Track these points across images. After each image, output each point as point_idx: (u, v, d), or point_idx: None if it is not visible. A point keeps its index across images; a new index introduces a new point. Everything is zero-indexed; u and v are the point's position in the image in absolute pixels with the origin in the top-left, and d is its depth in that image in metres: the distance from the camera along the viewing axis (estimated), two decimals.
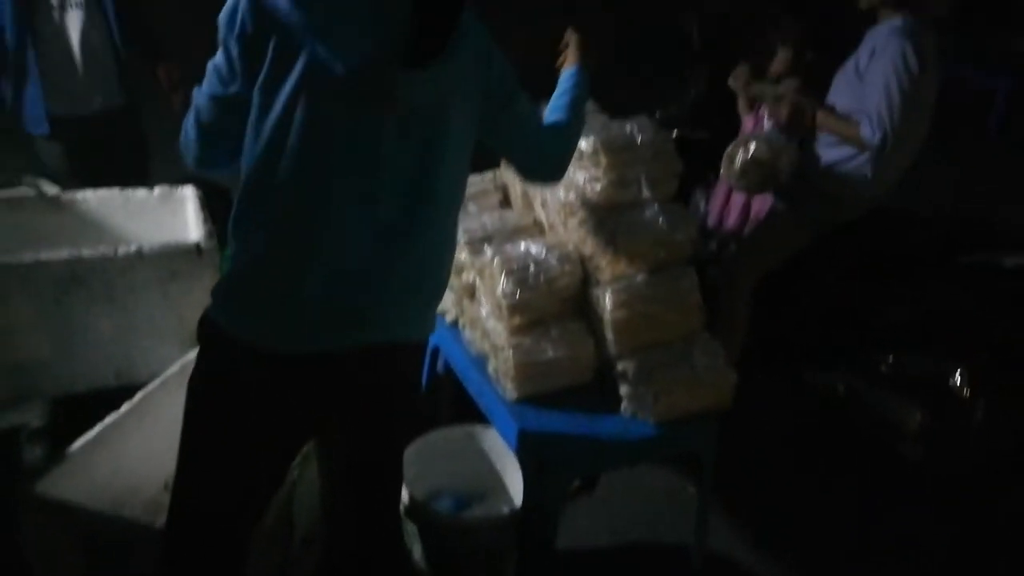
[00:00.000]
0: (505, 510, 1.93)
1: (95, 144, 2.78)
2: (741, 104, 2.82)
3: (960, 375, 2.37)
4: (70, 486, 1.69)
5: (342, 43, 1.21)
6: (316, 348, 1.31)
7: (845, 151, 2.38)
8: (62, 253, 2.09)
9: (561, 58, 1.73)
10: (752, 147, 2.41)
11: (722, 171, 2.49)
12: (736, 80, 2.78)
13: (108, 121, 2.78)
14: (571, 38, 1.74)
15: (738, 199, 2.81)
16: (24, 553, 1.75)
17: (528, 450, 1.74)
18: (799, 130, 2.47)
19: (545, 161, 1.58)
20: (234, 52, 1.24)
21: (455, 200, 1.42)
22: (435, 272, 1.42)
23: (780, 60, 2.68)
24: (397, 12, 1.24)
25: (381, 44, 1.23)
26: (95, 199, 2.52)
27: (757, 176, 2.41)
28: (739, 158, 2.43)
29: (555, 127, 1.58)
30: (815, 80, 2.57)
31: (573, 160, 1.87)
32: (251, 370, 1.31)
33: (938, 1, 2.36)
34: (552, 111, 1.61)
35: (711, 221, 2.87)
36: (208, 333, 1.34)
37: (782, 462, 2.62)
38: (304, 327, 1.29)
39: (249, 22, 1.21)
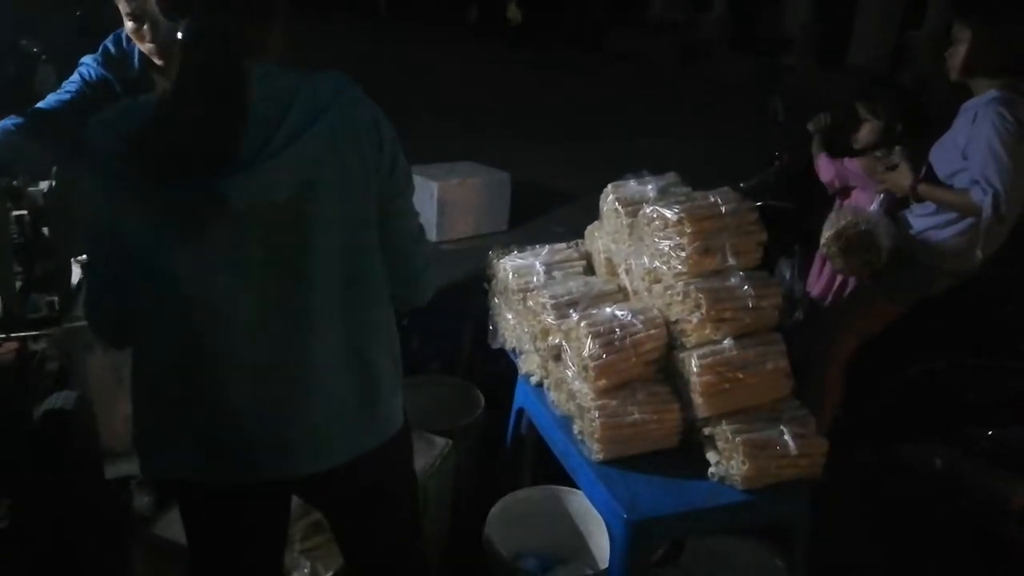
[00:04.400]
0: (590, 573, 1.93)
1: None
2: (815, 146, 2.86)
3: None
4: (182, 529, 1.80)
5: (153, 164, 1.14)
6: (264, 478, 1.33)
7: (939, 219, 2.37)
8: None
9: None
10: (861, 227, 2.40)
11: (823, 249, 2.49)
12: (815, 124, 2.87)
13: None
14: None
15: (825, 266, 2.80)
16: None
17: (615, 512, 1.76)
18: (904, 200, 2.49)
19: (414, 287, 1.47)
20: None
21: (357, 295, 1.31)
22: (363, 379, 1.34)
23: (870, 130, 2.71)
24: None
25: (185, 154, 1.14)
26: None
27: (859, 258, 2.40)
28: (846, 236, 2.42)
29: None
30: (916, 159, 2.59)
31: (657, 229, 1.95)
32: (227, 503, 1.36)
33: None
34: None
35: (807, 288, 2.87)
36: (175, 487, 1.39)
37: (876, 539, 2.52)
38: (236, 460, 1.30)
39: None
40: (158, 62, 2.17)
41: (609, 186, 2.20)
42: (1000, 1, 2.37)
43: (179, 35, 1.16)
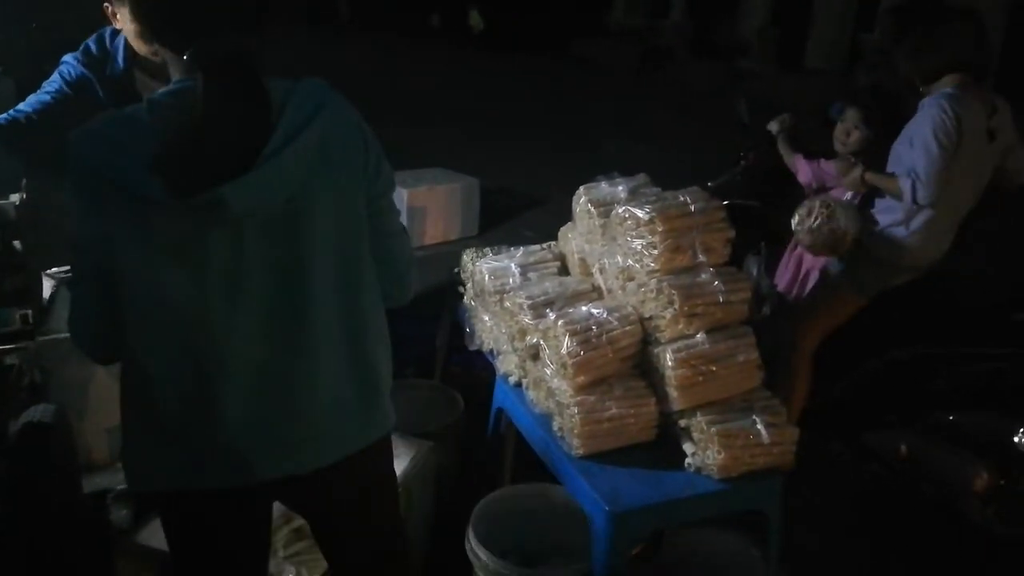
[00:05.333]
0: (573, 567, 1.97)
1: None
2: (781, 146, 2.95)
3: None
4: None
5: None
6: (257, 479, 1.33)
7: (898, 215, 2.46)
8: None
9: None
10: (827, 212, 2.49)
11: (793, 226, 2.56)
12: (780, 123, 2.97)
13: None
14: None
15: (791, 261, 2.89)
16: None
17: (597, 505, 1.80)
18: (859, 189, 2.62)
19: (399, 285, 1.50)
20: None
21: (353, 296, 1.34)
22: (358, 378, 1.37)
23: (862, 138, 2.79)
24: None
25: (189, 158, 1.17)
26: None
27: (827, 239, 2.48)
28: (813, 220, 2.50)
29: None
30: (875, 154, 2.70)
31: (630, 228, 2.00)
32: (218, 509, 1.37)
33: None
34: None
35: (771, 285, 2.95)
36: (159, 499, 1.39)
37: (844, 524, 2.60)
38: (231, 463, 1.31)
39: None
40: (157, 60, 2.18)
41: (581, 188, 2.25)
42: (938, 7, 2.47)
43: (186, 57, 1.18)
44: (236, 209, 1.17)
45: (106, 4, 2.07)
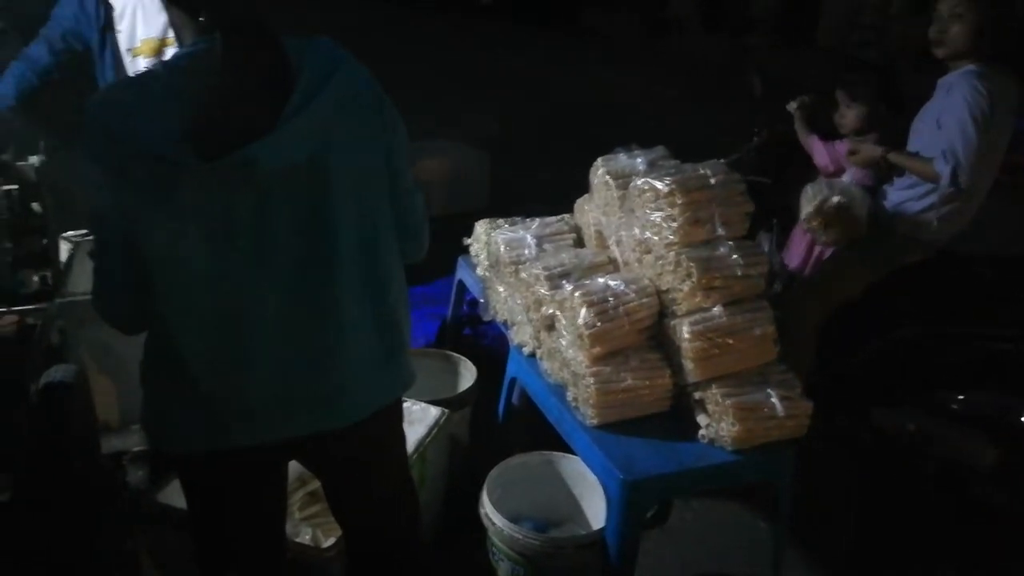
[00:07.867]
0: (585, 533, 2.00)
1: None
2: (798, 126, 2.93)
3: None
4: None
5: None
6: (283, 437, 1.36)
7: (916, 191, 2.45)
8: None
9: None
10: (836, 200, 2.48)
11: (804, 225, 2.56)
12: (800, 104, 2.94)
13: None
14: None
15: (803, 239, 2.89)
16: (134, 563, 1.89)
17: (611, 473, 1.82)
18: (875, 169, 2.60)
19: (414, 241, 1.51)
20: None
21: (375, 254, 1.35)
22: (382, 334, 1.39)
23: (855, 116, 2.77)
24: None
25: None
26: None
27: (840, 229, 2.48)
28: (824, 211, 2.49)
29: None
30: (889, 132, 2.68)
31: (649, 200, 2.00)
32: (238, 467, 1.38)
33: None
34: None
35: (785, 261, 2.96)
36: (181, 459, 1.41)
37: (851, 500, 2.63)
38: (258, 422, 1.33)
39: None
40: None
41: (599, 159, 2.25)
42: None
43: (201, 18, 1.18)
44: (265, 168, 1.18)
45: None
